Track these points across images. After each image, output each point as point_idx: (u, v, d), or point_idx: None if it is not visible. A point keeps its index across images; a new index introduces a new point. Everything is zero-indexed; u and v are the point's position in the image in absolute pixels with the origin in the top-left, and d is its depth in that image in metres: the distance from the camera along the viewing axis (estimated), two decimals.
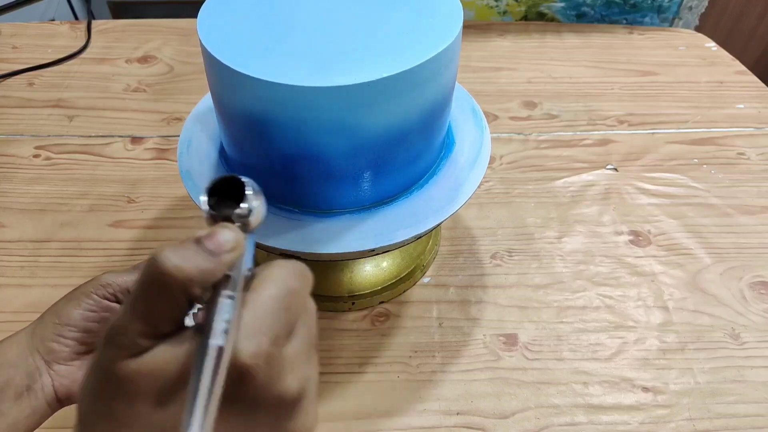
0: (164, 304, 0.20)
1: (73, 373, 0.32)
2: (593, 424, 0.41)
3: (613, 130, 0.65)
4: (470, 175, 0.39)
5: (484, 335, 0.46)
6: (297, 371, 0.21)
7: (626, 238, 0.53)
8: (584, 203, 0.56)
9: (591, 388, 0.43)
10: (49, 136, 0.63)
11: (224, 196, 0.23)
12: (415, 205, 0.37)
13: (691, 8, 0.80)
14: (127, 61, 0.73)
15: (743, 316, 0.47)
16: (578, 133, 0.64)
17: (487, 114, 0.66)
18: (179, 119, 0.65)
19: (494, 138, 0.63)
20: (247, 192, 0.23)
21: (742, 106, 0.68)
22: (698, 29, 0.81)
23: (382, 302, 0.48)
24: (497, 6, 0.80)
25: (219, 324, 0.19)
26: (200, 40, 0.32)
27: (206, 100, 0.43)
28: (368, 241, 0.34)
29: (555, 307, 0.48)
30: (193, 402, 0.18)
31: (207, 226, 0.22)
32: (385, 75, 0.29)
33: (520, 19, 0.82)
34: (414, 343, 0.45)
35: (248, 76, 0.30)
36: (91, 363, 0.22)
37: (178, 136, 0.42)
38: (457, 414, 0.41)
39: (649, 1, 0.79)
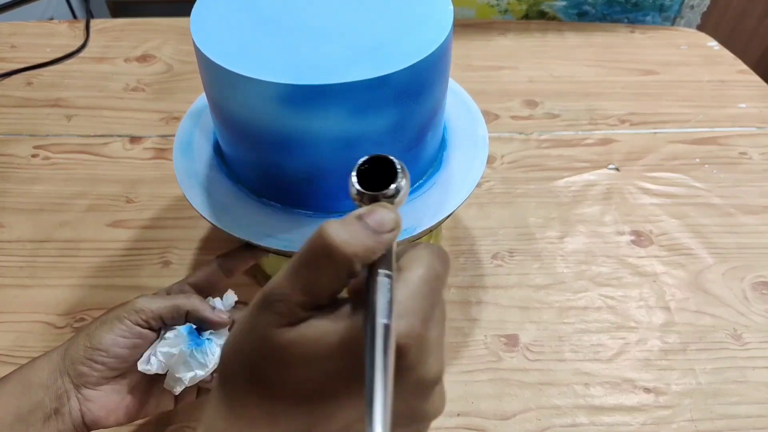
0: (327, 277, 0.20)
1: (100, 398, 0.32)
2: (595, 425, 0.41)
3: (614, 130, 0.64)
4: (467, 177, 0.38)
5: (485, 336, 0.46)
6: (437, 354, 0.21)
7: (628, 238, 0.53)
8: (586, 203, 0.56)
9: (592, 388, 0.43)
10: (47, 135, 0.62)
11: (369, 175, 0.23)
12: (414, 205, 0.37)
13: (692, 7, 0.80)
14: (126, 61, 0.73)
15: (745, 317, 0.47)
16: (580, 132, 0.64)
17: (488, 113, 0.66)
18: (178, 118, 0.65)
19: (495, 137, 0.63)
20: (398, 171, 0.23)
21: (744, 105, 0.68)
22: (700, 28, 0.81)
23: None
24: (498, 5, 0.80)
25: (382, 302, 0.19)
26: (193, 39, 0.32)
27: (202, 99, 0.43)
28: None
29: (556, 308, 0.48)
30: (372, 382, 0.18)
31: (356, 204, 0.23)
32: (374, 75, 0.29)
33: (521, 18, 0.82)
34: None
35: (240, 75, 0.29)
36: (240, 327, 0.22)
37: (178, 128, 0.42)
38: (458, 415, 0.41)
39: (651, 0, 0.79)
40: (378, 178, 0.23)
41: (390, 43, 0.31)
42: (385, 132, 0.33)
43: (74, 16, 1.33)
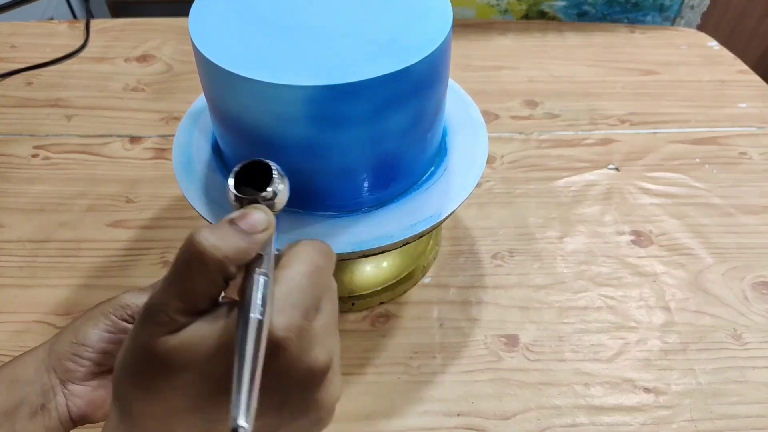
0: (201, 282, 0.21)
1: (87, 394, 0.32)
2: (595, 425, 0.41)
3: (614, 130, 0.64)
4: (466, 177, 0.38)
5: (485, 336, 0.46)
6: (324, 344, 0.22)
7: (628, 238, 0.53)
8: (586, 203, 0.56)
9: (592, 389, 0.43)
10: (47, 135, 0.62)
11: (249, 180, 0.24)
12: (413, 206, 0.37)
13: (692, 7, 0.80)
14: (126, 60, 0.73)
15: (745, 317, 0.47)
16: (580, 132, 0.64)
17: (488, 113, 0.66)
18: (178, 118, 0.65)
19: (495, 137, 0.63)
20: (273, 175, 0.24)
21: (744, 105, 0.68)
22: (700, 28, 0.81)
23: (382, 303, 0.48)
24: (498, 5, 0.80)
25: (256, 299, 0.20)
26: (191, 38, 0.32)
27: (201, 100, 0.43)
28: (366, 243, 0.34)
29: (556, 308, 0.48)
30: (240, 373, 0.18)
31: (234, 209, 0.23)
32: (371, 76, 0.29)
33: (521, 18, 0.82)
34: (414, 344, 0.45)
35: (237, 75, 0.29)
36: (127, 341, 0.22)
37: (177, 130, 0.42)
38: (458, 415, 0.41)
39: (651, 0, 0.79)
40: (257, 182, 0.24)
41: (395, 38, 0.31)
42: (383, 135, 0.33)
43: (74, 16, 1.33)
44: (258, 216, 0.22)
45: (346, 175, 0.34)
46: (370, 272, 0.47)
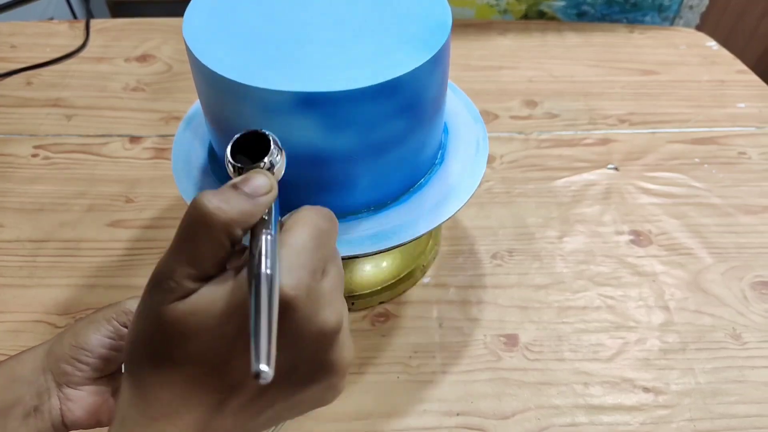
0: (208, 245, 0.21)
1: (82, 398, 0.31)
2: (594, 425, 0.41)
3: (614, 130, 0.64)
4: (465, 180, 0.38)
5: (484, 336, 0.46)
6: (333, 305, 0.22)
7: (627, 237, 0.53)
8: (585, 203, 0.56)
9: (592, 388, 0.43)
10: (47, 135, 0.62)
11: (247, 151, 0.24)
12: (413, 207, 0.37)
13: (691, 7, 0.80)
14: (125, 60, 0.73)
15: (744, 317, 0.47)
16: (579, 132, 0.64)
17: (487, 113, 0.66)
18: (178, 118, 0.65)
19: (495, 137, 0.63)
20: (271, 146, 0.24)
21: (743, 105, 0.68)
22: (699, 28, 0.81)
23: (382, 302, 0.48)
24: (497, 5, 0.80)
25: (264, 256, 0.20)
26: (185, 41, 0.32)
27: (197, 104, 0.43)
28: (366, 245, 0.34)
29: (556, 308, 0.48)
30: (257, 324, 0.18)
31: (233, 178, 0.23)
32: (366, 84, 0.29)
33: (521, 18, 0.82)
34: (414, 344, 0.45)
35: (229, 80, 0.29)
36: (136, 313, 0.22)
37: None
38: (458, 415, 0.41)
39: (650, 0, 0.79)
40: (255, 153, 0.24)
41: (392, 43, 0.31)
42: (380, 138, 0.32)
43: (74, 16, 1.33)
44: (260, 179, 0.22)
45: (342, 181, 0.34)
46: (370, 272, 0.47)
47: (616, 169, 0.60)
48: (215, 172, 0.38)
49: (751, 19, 1.25)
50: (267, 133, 0.24)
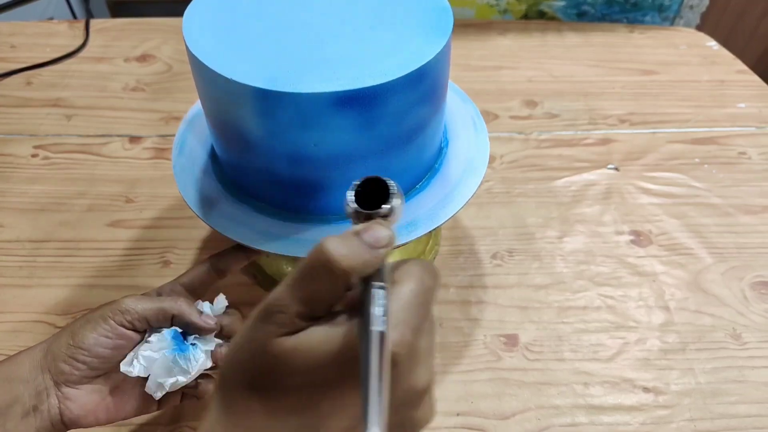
0: (325, 288, 0.21)
1: (80, 397, 0.31)
2: (594, 425, 0.41)
3: (614, 130, 0.64)
4: (466, 181, 0.38)
5: (484, 336, 0.46)
6: (427, 364, 0.23)
7: (627, 237, 0.53)
8: (585, 203, 0.56)
9: (592, 388, 0.43)
10: (47, 135, 0.62)
11: (366, 195, 0.25)
12: (414, 207, 0.36)
13: (692, 7, 0.80)
14: (125, 60, 0.73)
15: (744, 317, 0.47)
16: (579, 132, 0.64)
17: (487, 113, 0.66)
18: (178, 118, 0.65)
19: (495, 137, 0.63)
20: (391, 192, 0.24)
21: (743, 105, 0.68)
22: (699, 28, 0.81)
23: None
24: (498, 5, 0.80)
25: (377, 312, 0.20)
26: (185, 41, 0.32)
27: (198, 104, 0.43)
28: None
29: (556, 308, 0.48)
30: (368, 382, 0.19)
31: (351, 222, 0.24)
32: (366, 85, 0.29)
33: (521, 18, 0.82)
34: None
35: (229, 80, 0.29)
36: (239, 337, 0.23)
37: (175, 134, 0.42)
38: (458, 415, 0.41)
39: (650, 0, 0.79)
40: (373, 196, 0.24)
41: (393, 44, 0.31)
42: (380, 139, 0.32)
43: (74, 16, 1.33)
44: (382, 231, 0.23)
45: (341, 182, 0.34)
46: None
47: (616, 169, 0.60)
48: (216, 173, 0.38)
49: (751, 19, 1.25)
50: (387, 179, 0.24)
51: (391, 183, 0.24)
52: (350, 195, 0.24)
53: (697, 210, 0.56)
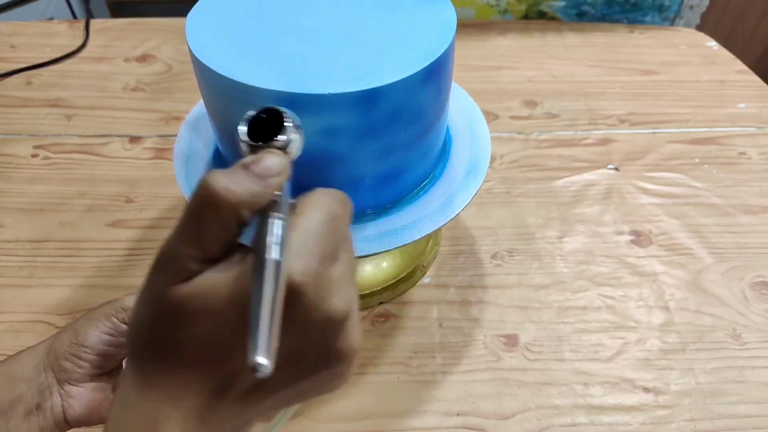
0: (215, 227, 0.20)
1: (84, 395, 0.31)
2: (594, 425, 0.41)
3: (614, 130, 0.64)
4: (466, 183, 0.38)
5: (484, 336, 0.46)
6: (343, 292, 0.21)
7: (627, 237, 0.53)
8: (585, 203, 0.56)
9: (592, 388, 0.43)
10: (47, 135, 0.62)
11: (262, 129, 0.23)
12: (415, 208, 0.37)
13: (692, 7, 0.80)
14: (125, 60, 0.73)
15: (744, 317, 0.47)
16: (579, 132, 0.64)
17: (487, 113, 0.65)
18: (178, 118, 0.65)
19: (495, 137, 0.63)
20: (285, 123, 0.23)
21: (743, 105, 0.68)
22: (699, 28, 0.81)
23: (382, 303, 0.48)
24: (498, 5, 0.80)
25: (273, 241, 0.19)
26: (188, 43, 0.32)
27: (200, 105, 0.43)
28: (366, 247, 0.34)
29: (556, 308, 0.48)
30: (257, 312, 0.18)
31: (246, 156, 0.22)
32: (371, 86, 0.29)
33: (521, 18, 0.82)
34: (414, 344, 0.45)
35: (233, 80, 0.29)
36: (140, 292, 0.22)
37: (177, 135, 0.42)
38: (458, 415, 0.41)
39: (650, 0, 0.79)
40: (270, 132, 0.23)
41: (397, 45, 0.31)
42: (382, 141, 0.32)
43: (74, 16, 1.33)
44: (272, 160, 0.21)
45: (343, 184, 0.34)
46: (370, 272, 0.47)
47: (616, 169, 0.60)
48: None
49: (751, 19, 1.25)
50: (282, 109, 0.23)
51: (288, 113, 0.23)
52: (242, 128, 0.23)
53: (697, 210, 0.56)
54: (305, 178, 0.33)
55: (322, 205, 0.22)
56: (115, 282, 0.49)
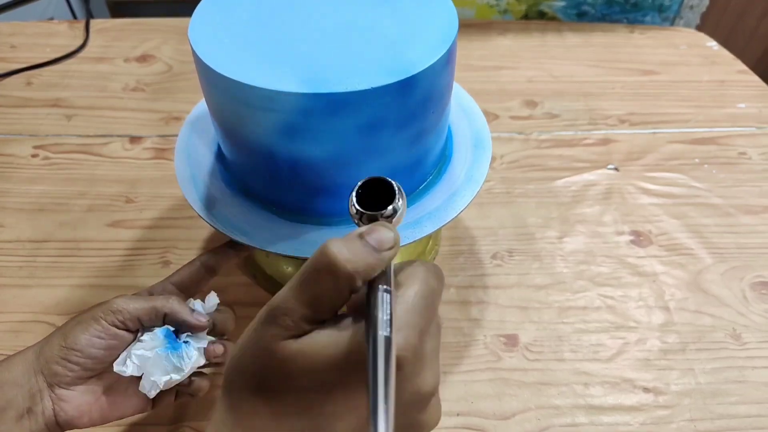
0: (330, 292, 0.21)
1: (74, 399, 0.31)
2: (594, 425, 0.41)
3: (614, 130, 0.64)
4: (467, 184, 0.38)
5: (484, 336, 0.46)
6: (433, 368, 0.23)
7: (627, 238, 0.53)
8: (585, 203, 0.56)
9: (592, 388, 0.43)
10: (47, 135, 0.62)
11: (369, 196, 0.24)
12: (416, 209, 0.36)
13: (692, 7, 0.80)
14: (125, 61, 0.73)
15: (744, 317, 0.47)
16: (579, 132, 0.64)
17: (487, 113, 0.65)
18: (178, 118, 0.65)
19: (495, 137, 0.63)
20: (395, 193, 0.24)
21: (743, 105, 0.68)
22: (699, 28, 0.81)
23: None
24: (498, 5, 0.80)
25: (382, 316, 0.20)
26: (191, 45, 0.31)
27: (201, 105, 0.42)
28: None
29: (556, 308, 0.48)
30: (375, 388, 0.19)
31: (354, 223, 0.24)
32: (373, 86, 0.29)
33: (521, 18, 0.82)
34: None
35: (235, 81, 0.29)
36: (244, 339, 0.23)
37: (177, 135, 0.42)
38: (458, 415, 0.41)
39: (650, 0, 0.79)
40: (376, 198, 0.24)
41: (399, 46, 0.31)
42: (395, 140, 0.32)
43: (74, 16, 1.33)
44: (387, 234, 0.22)
45: (345, 185, 0.34)
46: None
47: (616, 169, 0.60)
48: (220, 173, 0.38)
49: (751, 19, 1.25)
50: (389, 180, 0.24)
51: (395, 184, 0.24)
52: (353, 197, 0.24)
53: (698, 210, 0.56)
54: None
55: (422, 278, 0.23)
56: (115, 282, 0.49)
